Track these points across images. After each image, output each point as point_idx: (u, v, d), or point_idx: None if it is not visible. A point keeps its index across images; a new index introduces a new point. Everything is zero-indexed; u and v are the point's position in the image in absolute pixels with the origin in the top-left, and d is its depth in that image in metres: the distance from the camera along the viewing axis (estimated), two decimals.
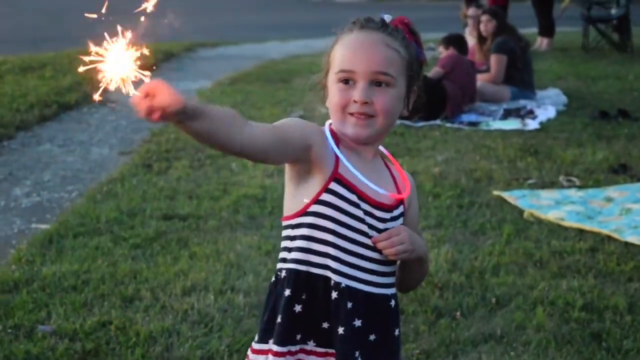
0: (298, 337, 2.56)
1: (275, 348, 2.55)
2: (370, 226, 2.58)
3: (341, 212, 2.54)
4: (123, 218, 6.38)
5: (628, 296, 4.99)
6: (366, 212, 2.57)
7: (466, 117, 10.29)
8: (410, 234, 2.62)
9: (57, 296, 5.00)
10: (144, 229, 6.13)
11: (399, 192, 2.67)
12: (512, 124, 9.95)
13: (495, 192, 7.02)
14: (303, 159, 2.51)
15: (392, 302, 2.66)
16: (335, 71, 2.58)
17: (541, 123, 9.94)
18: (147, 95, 2.09)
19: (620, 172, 7.70)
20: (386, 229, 2.61)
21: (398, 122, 9.65)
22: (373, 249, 2.59)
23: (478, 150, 8.58)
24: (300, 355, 2.58)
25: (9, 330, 4.58)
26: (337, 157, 2.55)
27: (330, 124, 2.64)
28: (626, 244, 5.83)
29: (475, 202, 6.79)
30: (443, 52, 10.94)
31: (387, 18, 2.63)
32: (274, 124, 2.46)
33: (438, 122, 9.94)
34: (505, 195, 6.92)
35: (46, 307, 4.87)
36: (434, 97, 10.08)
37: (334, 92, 2.59)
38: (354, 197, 2.55)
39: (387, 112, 2.56)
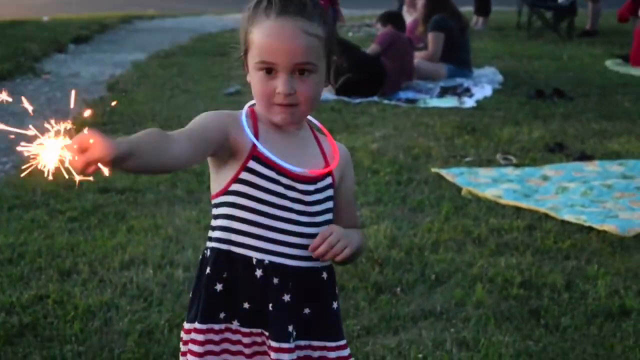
0: (221, 315, 2.55)
1: (197, 325, 2.56)
2: (294, 200, 2.55)
3: (261, 189, 2.52)
4: (59, 191, 6.29)
5: (565, 274, 5.04)
6: (287, 187, 2.54)
7: (403, 95, 10.31)
8: (340, 229, 2.56)
9: None
10: (80, 202, 6.06)
11: (326, 164, 2.64)
12: (449, 102, 10.00)
13: (434, 169, 7.05)
14: (222, 149, 2.50)
15: (325, 275, 2.63)
16: (255, 60, 2.52)
17: (478, 101, 10.00)
18: (81, 151, 2.03)
19: (557, 150, 7.78)
20: (313, 201, 2.58)
21: (335, 97, 9.71)
22: (298, 223, 2.56)
23: (416, 127, 8.60)
24: (227, 334, 2.57)
25: None
26: (256, 136, 2.53)
27: (251, 106, 2.61)
28: (563, 222, 5.89)
29: (413, 178, 6.81)
30: (380, 29, 10.93)
31: None
32: (189, 128, 2.43)
33: (375, 99, 9.94)
34: (444, 172, 6.95)
35: None
36: (372, 74, 10.10)
37: (256, 81, 2.54)
38: (272, 174, 2.52)
39: (310, 99, 2.53)
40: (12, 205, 6.00)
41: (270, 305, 2.53)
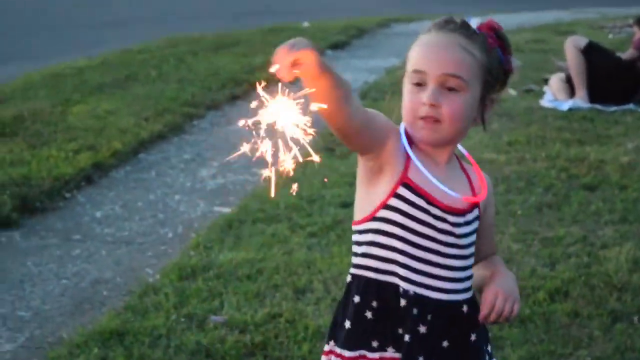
0: (374, 344, 2.55)
1: (347, 353, 2.56)
2: (443, 231, 2.52)
3: (409, 217, 2.50)
4: (302, 204, 6.41)
5: None
6: (437, 217, 2.51)
7: None
8: (500, 287, 2.55)
9: (231, 285, 5.08)
10: (321, 217, 6.14)
11: (474, 195, 2.60)
12: None
13: None
14: (377, 153, 2.48)
15: (465, 308, 2.58)
16: (408, 71, 2.54)
17: None
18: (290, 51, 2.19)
19: None
20: (462, 234, 2.54)
21: (588, 105, 9.42)
22: (443, 255, 2.53)
23: None
24: None
25: (182, 319, 4.68)
26: (407, 160, 2.50)
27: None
28: None
29: None
30: (637, 33, 10.53)
31: (474, 22, 2.53)
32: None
33: (631, 106, 9.59)
34: None
35: (220, 296, 4.96)
36: (627, 80, 9.77)
37: (405, 94, 2.55)
38: (422, 202, 2.50)
39: (454, 118, 2.49)
40: (256, 219, 6.16)
41: (408, 335, 2.52)
